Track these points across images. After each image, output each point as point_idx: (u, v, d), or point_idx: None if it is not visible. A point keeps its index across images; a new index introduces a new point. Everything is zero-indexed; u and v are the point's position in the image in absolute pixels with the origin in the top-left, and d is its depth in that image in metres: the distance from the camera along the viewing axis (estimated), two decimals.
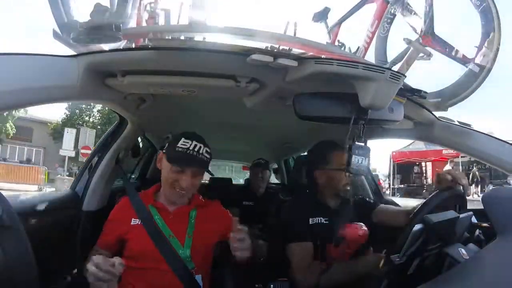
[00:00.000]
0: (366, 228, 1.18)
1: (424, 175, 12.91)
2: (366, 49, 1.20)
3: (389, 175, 13.08)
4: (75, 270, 1.23)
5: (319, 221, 1.17)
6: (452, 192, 0.90)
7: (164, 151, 1.08)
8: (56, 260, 1.07)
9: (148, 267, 0.99)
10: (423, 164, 12.83)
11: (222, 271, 1.14)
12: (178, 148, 1.02)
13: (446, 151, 10.90)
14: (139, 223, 1.04)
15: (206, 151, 1.05)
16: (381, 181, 13.30)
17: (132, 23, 0.90)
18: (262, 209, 2.23)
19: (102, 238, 1.07)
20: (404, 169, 12.86)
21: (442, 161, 11.08)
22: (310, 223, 1.17)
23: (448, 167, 10.36)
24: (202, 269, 1.04)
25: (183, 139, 1.03)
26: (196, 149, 1.02)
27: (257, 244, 1.34)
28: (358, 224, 1.20)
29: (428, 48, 1.04)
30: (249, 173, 2.69)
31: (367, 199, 1.37)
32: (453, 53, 1.03)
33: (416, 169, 13.08)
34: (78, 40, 0.73)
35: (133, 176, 2.27)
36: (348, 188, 1.21)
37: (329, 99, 0.86)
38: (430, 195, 0.91)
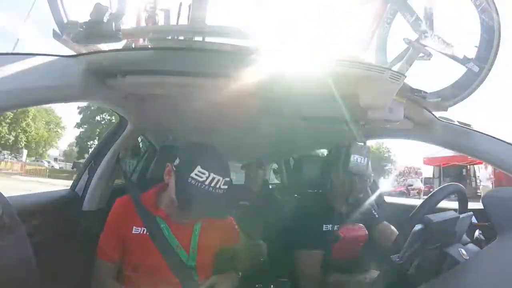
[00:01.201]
0: (365, 230, 1.18)
1: (474, 178, 12.37)
2: (366, 49, 1.20)
3: (433, 178, 12.95)
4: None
5: (332, 228, 1.16)
6: (452, 190, 0.90)
7: (174, 167, 0.94)
8: (56, 260, 1.07)
9: (153, 278, 0.94)
10: (468, 167, 12.42)
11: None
12: (191, 179, 0.87)
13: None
14: (143, 232, 0.96)
15: (225, 183, 0.90)
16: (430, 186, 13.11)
17: (132, 23, 0.90)
18: (259, 209, 2.23)
19: (104, 250, 0.99)
20: (452, 172, 12.54)
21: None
22: (324, 229, 1.15)
23: (484, 170, 9.93)
24: (205, 279, 1.00)
25: (199, 167, 0.87)
26: (212, 184, 0.87)
27: (256, 244, 1.34)
28: (358, 225, 1.19)
29: (428, 48, 1.04)
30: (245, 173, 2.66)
31: (373, 211, 1.34)
32: (453, 53, 1.03)
33: (464, 171, 12.67)
34: (78, 40, 0.73)
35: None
36: (359, 193, 1.18)
37: (329, 99, 0.86)
38: (429, 194, 0.91)
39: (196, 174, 0.87)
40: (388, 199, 2.05)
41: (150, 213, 0.98)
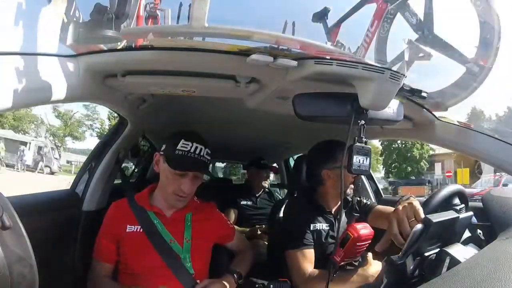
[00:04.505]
0: (371, 228, 1.17)
1: None
2: (366, 49, 1.20)
3: None
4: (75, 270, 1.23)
5: (321, 227, 1.15)
6: (452, 191, 0.90)
7: (161, 152, 1.02)
8: (56, 260, 1.07)
9: (150, 275, 0.95)
10: None
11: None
12: (178, 150, 0.96)
13: None
14: (138, 230, 0.99)
15: (207, 153, 1.00)
16: None
17: (132, 23, 0.90)
18: (260, 209, 2.23)
19: (100, 251, 1.02)
20: None
21: None
22: (312, 229, 1.14)
23: None
24: (200, 274, 1.01)
25: (182, 140, 0.98)
26: (197, 152, 0.97)
27: (256, 244, 1.33)
28: (363, 223, 1.18)
29: (428, 48, 1.04)
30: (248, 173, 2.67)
31: (364, 200, 1.33)
32: (453, 53, 1.03)
33: None
34: (78, 40, 0.73)
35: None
36: (352, 188, 1.18)
37: (329, 99, 0.86)
38: (430, 195, 0.91)
39: (181, 146, 0.97)
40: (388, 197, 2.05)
41: (143, 210, 1.01)
